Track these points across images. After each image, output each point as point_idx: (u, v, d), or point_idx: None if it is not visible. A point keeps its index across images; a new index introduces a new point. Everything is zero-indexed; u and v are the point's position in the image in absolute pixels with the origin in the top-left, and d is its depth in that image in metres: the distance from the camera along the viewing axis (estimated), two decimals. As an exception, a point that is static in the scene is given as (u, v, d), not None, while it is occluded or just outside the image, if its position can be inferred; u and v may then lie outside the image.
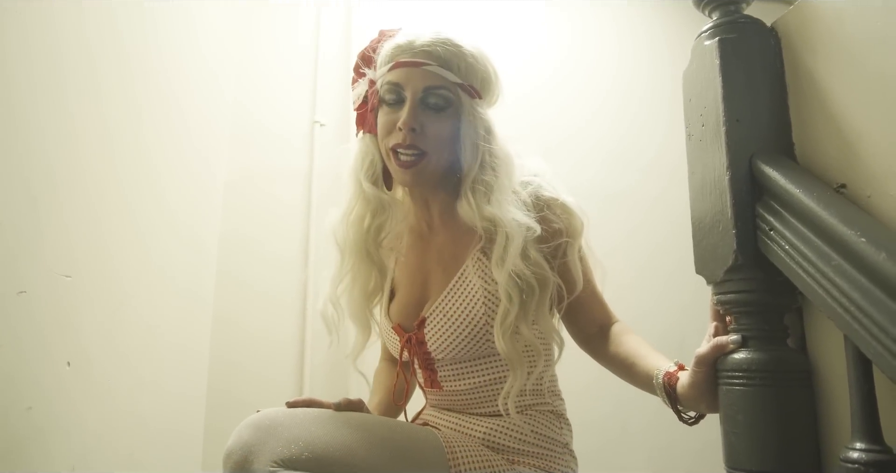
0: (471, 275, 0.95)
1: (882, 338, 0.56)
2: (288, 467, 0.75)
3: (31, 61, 0.87)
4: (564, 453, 0.97)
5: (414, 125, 0.92)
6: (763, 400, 0.71)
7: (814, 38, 0.74)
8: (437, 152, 0.94)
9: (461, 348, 0.94)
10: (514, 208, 0.93)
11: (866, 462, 0.59)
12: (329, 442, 0.78)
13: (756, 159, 0.74)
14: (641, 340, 0.94)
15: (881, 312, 0.56)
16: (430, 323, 0.96)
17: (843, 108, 0.70)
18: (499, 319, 0.90)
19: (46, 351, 0.88)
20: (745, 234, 0.73)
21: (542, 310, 0.92)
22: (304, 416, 0.81)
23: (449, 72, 0.94)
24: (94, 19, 1.04)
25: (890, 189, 0.64)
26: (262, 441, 0.77)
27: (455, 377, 0.97)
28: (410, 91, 0.93)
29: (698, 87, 0.82)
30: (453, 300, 0.95)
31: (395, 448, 0.83)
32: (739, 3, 0.82)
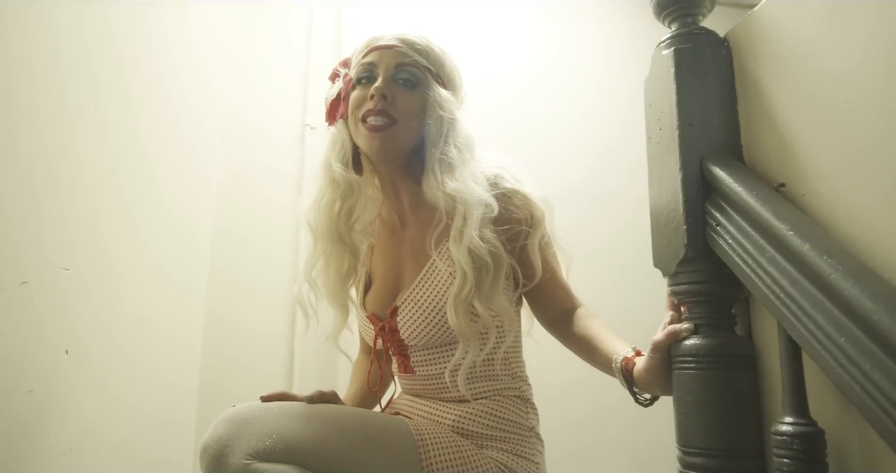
0: (440, 265, 1.00)
1: (807, 323, 0.62)
2: (262, 459, 0.78)
3: (32, 64, 0.92)
4: (531, 436, 1.02)
5: (385, 92, 0.99)
6: (711, 382, 0.77)
7: (759, 48, 0.80)
8: (406, 123, 1.00)
9: (431, 334, 0.99)
10: (475, 185, 0.98)
11: (792, 434, 0.65)
12: (301, 434, 0.82)
13: (706, 161, 0.80)
14: (603, 324, 1.00)
15: (807, 299, 0.62)
16: (401, 312, 1.02)
17: (783, 113, 0.76)
18: (452, 293, 0.94)
19: (46, 339, 0.94)
20: (694, 229, 0.79)
21: (495, 289, 0.96)
22: (278, 410, 0.84)
23: (418, 55, 1.02)
24: (92, 23, 1.09)
25: (820, 188, 0.70)
26: (237, 435, 0.79)
27: (427, 362, 1.03)
28: (383, 67, 1.01)
29: (656, 93, 0.88)
30: (423, 288, 1.00)
31: (367, 438, 0.87)
32: (696, 16, 0.88)
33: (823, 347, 0.59)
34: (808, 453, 0.64)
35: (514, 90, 2.29)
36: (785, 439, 0.65)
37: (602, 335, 0.96)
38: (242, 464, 0.77)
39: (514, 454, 0.97)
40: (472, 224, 0.95)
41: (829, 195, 0.69)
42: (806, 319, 0.62)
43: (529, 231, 1.01)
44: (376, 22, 2.16)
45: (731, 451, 0.74)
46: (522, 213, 1.01)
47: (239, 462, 0.77)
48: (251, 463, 0.77)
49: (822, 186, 0.70)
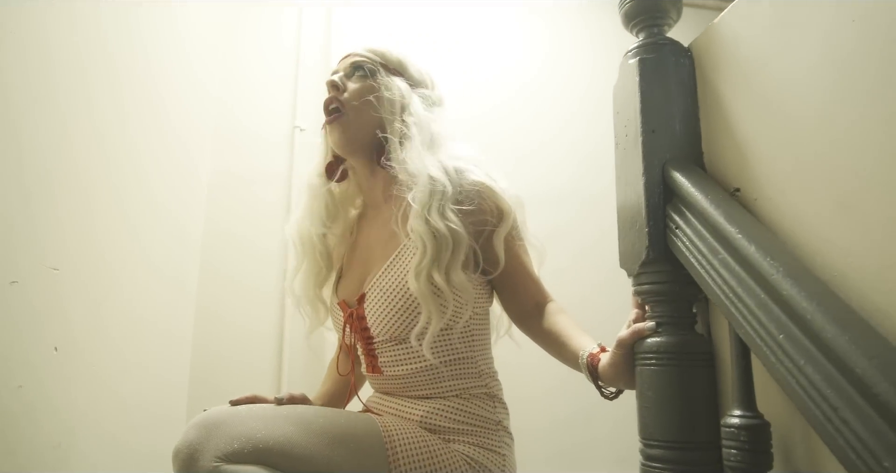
0: (408, 251, 1.03)
1: (752, 321, 0.66)
2: (230, 461, 0.82)
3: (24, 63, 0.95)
4: (498, 430, 1.05)
5: (337, 83, 1.10)
6: (670, 378, 0.80)
7: (718, 58, 0.84)
8: (355, 109, 1.10)
9: (396, 321, 1.02)
10: (431, 166, 1.03)
11: (740, 426, 0.69)
12: (269, 436, 0.85)
13: (668, 166, 0.84)
14: (571, 320, 1.03)
15: (752, 298, 0.66)
16: (368, 297, 1.05)
17: (739, 120, 0.79)
18: (413, 262, 0.99)
19: (36, 336, 0.97)
20: (656, 232, 0.82)
21: (454, 265, 0.99)
22: (246, 413, 0.88)
23: (375, 55, 1.13)
24: (83, 22, 1.12)
25: (770, 193, 0.74)
26: (206, 439, 0.83)
27: (394, 362, 1.06)
28: (342, 68, 1.15)
29: (622, 101, 0.91)
30: (390, 274, 1.04)
31: (334, 437, 0.90)
32: (662, 26, 0.92)
33: (765, 344, 0.63)
34: (754, 444, 0.68)
35: (504, 93, 2.33)
36: (733, 430, 0.69)
37: (570, 332, 0.99)
38: (212, 467, 0.81)
39: (480, 446, 1.01)
40: (427, 201, 1.00)
41: (779, 200, 0.72)
42: (751, 317, 0.66)
43: (496, 223, 1.05)
44: (366, 22, 2.20)
45: (689, 443, 0.78)
46: (487, 204, 1.05)
47: (208, 464, 0.81)
48: (220, 466, 0.81)
49: (773, 191, 0.73)
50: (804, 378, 0.58)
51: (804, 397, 0.57)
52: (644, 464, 0.82)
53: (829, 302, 0.58)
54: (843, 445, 0.53)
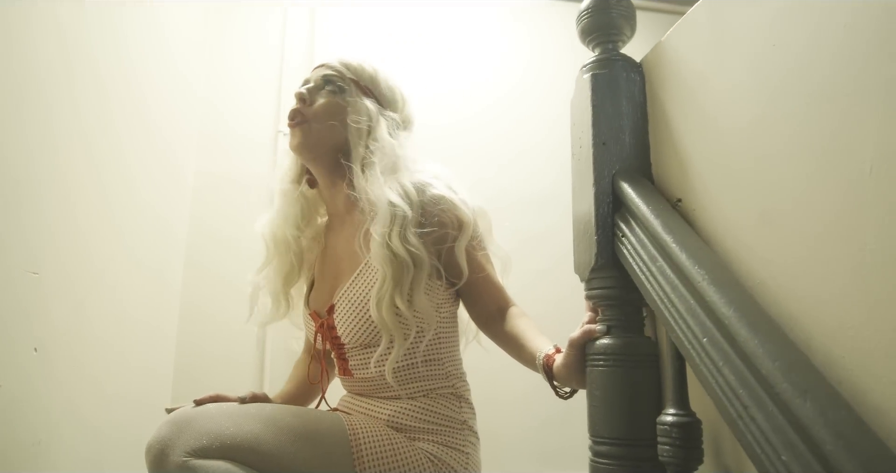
0: (371, 267, 1.08)
1: (681, 325, 0.70)
2: (199, 456, 0.86)
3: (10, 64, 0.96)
4: (463, 429, 1.09)
5: (304, 96, 1.14)
6: (616, 379, 0.85)
7: (664, 75, 0.88)
8: (319, 121, 1.13)
9: (362, 330, 1.07)
10: (391, 192, 1.06)
11: (671, 424, 0.73)
12: (236, 433, 0.89)
13: (617, 177, 0.88)
14: (531, 324, 1.07)
15: (682, 303, 0.70)
16: (338, 308, 1.10)
17: (681, 134, 0.84)
18: (374, 290, 1.02)
19: (16, 337, 1.00)
20: (604, 240, 0.87)
21: (417, 289, 1.04)
22: (216, 411, 0.93)
23: (347, 70, 1.16)
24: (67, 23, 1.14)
25: (706, 204, 0.78)
26: (177, 435, 0.87)
27: (363, 365, 1.10)
28: (313, 80, 1.17)
29: (577, 114, 0.96)
30: (358, 286, 1.08)
31: (300, 434, 0.94)
32: (616, 42, 0.96)
33: (692, 346, 0.67)
34: (685, 440, 0.72)
35: (487, 97, 2.38)
36: (666, 427, 0.73)
37: (529, 334, 1.03)
38: (181, 461, 0.85)
39: (444, 445, 1.05)
40: (386, 226, 1.03)
41: (713, 211, 0.77)
42: (681, 321, 0.70)
43: (456, 235, 1.09)
44: (349, 24, 2.25)
45: (633, 440, 0.82)
46: (448, 217, 1.09)
47: (178, 459, 0.85)
48: (188, 460, 0.85)
49: (708, 202, 0.78)
50: (722, 378, 0.62)
51: (721, 396, 0.62)
52: (593, 460, 0.86)
53: (746, 308, 0.62)
54: (751, 440, 0.57)
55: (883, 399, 0.52)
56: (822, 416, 0.50)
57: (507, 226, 2.30)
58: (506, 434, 2.06)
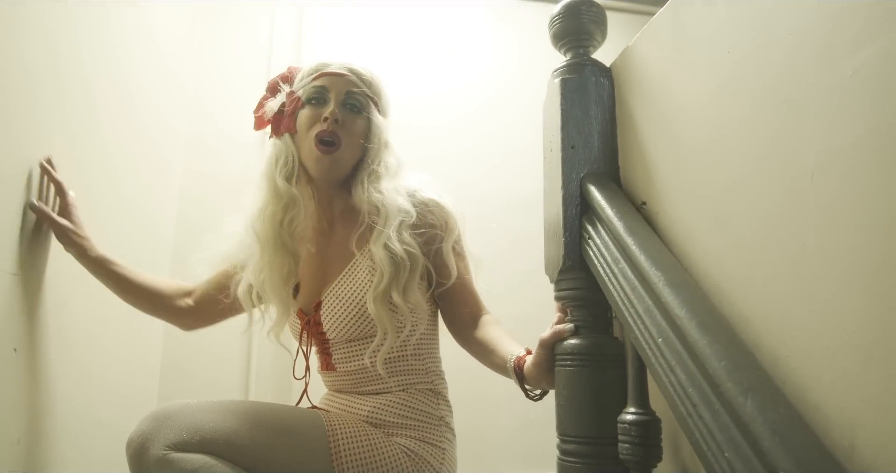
0: (362, 263, 1.11)
1: (640, 325, 0.72)
2: (179, 450, 0.88)
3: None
4: (440, 425, 1.12)
5: (338, 117, 1.11)
6: (583, 378, 0.86)
7: (631, 80, 0.90)
8: (350, 147, 1.13)
9: (350, 325, 1.09)
10: (397, 195, 1.12)
11: (631, 422, 0.74)
12: (216, 427, 0.92)
13: (585, 180, 0.89)
14: (503, 331, 1.10)
15: (641, 304, 0.72)
16: (325, 305, 1.12)
17: (646, 139, 0.85)
18: (373, 285, 1.06)
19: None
20: (571, 241, 0.88)
21: (411, 284, 1.08)
22: (196, 406, 0.95)
23: (363, 85, 1.15)
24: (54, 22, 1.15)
25: (667, 207, 0.80)
26: (157, 429, 0.89)
27: (347, 358, 1.13)
28: (334, 93, 1.14)
29: (548, 117, 0.97)
30: (346, 284, 1.11)
31: (277, 430, 0.97)
32: (587, 47, 0.98)
33: (648, 346, 0.69)
34: (644, 438, 0.74)
35: (475, 101, 2.39)
36: (626, 426, 0.75)
37: (501, 340, 1.05)
38: (161, 455, 0.87)
39: (421, 440, 1.07)
40: (392, 228, 1.08)
41: (673, 214, 0.78)
42: (640, 322, 0.71)
43: (444, 236, 1.14)
44: (337, 24, 2.27)
45: (598, 438, 0.83)
46: (438, 219, 1.14)
47: (158, 452, 0.87)
48: (168, 454, 0.87)
49: (669, 205, 0.79)
50: (674, 378, 0.63)
51: (673, 394, 0.63)
52: (560, 459, 0.87)
53: (698, 309, 0.64)
54: (698, 438, 0.59)
55: (822, 398, 0.54)
56: (761, 414, 0.52)
57: (495, 227, 2.34)
58: (490, 434, 2.08)
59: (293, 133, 1.16)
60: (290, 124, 1.16)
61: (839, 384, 0.53)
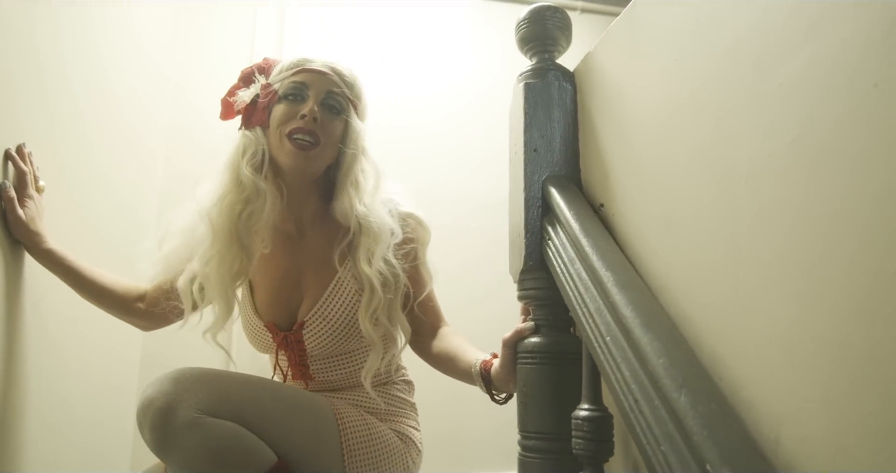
0: (346, 280, 1.11)
1: (591, 324, 0.74)
2: (210, 414, 0.87)
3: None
4: (414, 409, 1.21)
5: (316, 116, 1.07)
6: (542, 376, 0.88)
7: (591, 84, 0.92)
8: (327, 146, 1.09)
9: (338, 344, 1.12)
10: (383, 212, 1.11)
11: (584, 418, 0.77)
12: (242, 397, 0.92)
13: (546, 183, 0.92)
14: (464, 340, 1.12)
15: (592, 303, 0.74)
16: (309, 326, 1.11)
17: (604, 143, 0.88)
18: (363, 307, 1.07)
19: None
20: (532, 242, 0.90)
21: (395, 305, 1.11)
22: (220, 374, 0.95)
23: (345, 86, 1.13)
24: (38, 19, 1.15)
25: (622, 209, 0.82)
26: (186, 391, 0.87)
27: (327, 369, 1.15)
28: (314, 91, 1.10)
29: (513, 121, 0.99)
30: (332, 304, 1.11)
31: (296, 406, 0.99)
32: (552, 52, 1.00)
33: (598, 343, 0.71)
34: (596, 434, 0.76)
35: (459, 101, 2.41)
36: (578, 422, 0.77)
37: (464, 348, 1.08)
38: (193, 417, 0.85)
39: (405, 424, 1.15)
40: (382, 247, 1.08)
41: (628, 216, 0.81)
42: (591, 321, 0.74)
43: (419, 249, 1.16)
44: (318, 23, 2.28)
45: (556, 434, 0.85)
46: (416, 233, 1.16)
47: (189, 414, 0.85)
48: (201, 417, 0.85)
49: (624, 207, 0.82)
50: (620, 374, 0.66)
51: (619, 390, 0.65)
52: (521, 455, 0.90)
53: (643, 309, 0.66)
54: (639, 432, 0.61)
55: (753, 394, 0.56)
56: (693, 409, 0.54)
57: (475, 228, 2.36)
58: (469, 434, 2.10)
59: (265, 127, 1.10)
60: (262, 118, 1.10)
61: (768, 381, 0.55)
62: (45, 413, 1.25)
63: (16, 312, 1.14)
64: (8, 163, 1.10)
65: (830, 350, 0.50)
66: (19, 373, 1.15)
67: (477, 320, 1.58)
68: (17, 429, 1.15)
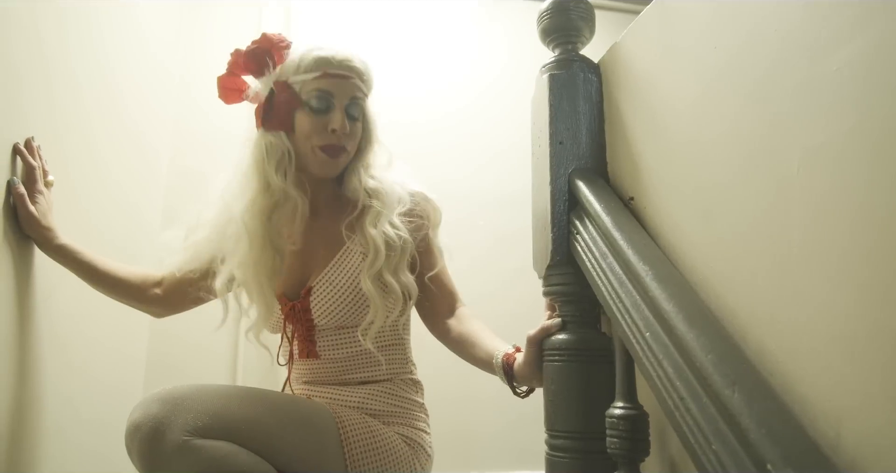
0: (353, 248, 1.11)
1: (627, 319, 0.72)
2: (201, 436, 0.82)
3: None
4: (422, 411, 1.17)
5: (346, 130, 1.09)
6: (570, 373, 0.86)
7: (619, 76, 0.90)
8: (353, 148, 1.14)
9: (344, 312, 1.08)
10: (394, 184, 1.14)
11: (619, 417, 0.75)
12: (235, 413, 0.87)
13: (573, 176, 0.90)
14: (484, 325, 1.10)
15: (628, 298, 0.72)
16: (316, 291, 1.10)
17: (633, 134, 0.86)
18: (367, 264, 1.07)
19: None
20: (559, 237, 0.88)
21: (402, 266, 1.10)
22: (210, 391, 0.90)
23: (364, 85, 1.13)
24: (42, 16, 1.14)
25: (655, 201, 0.80)
26: (173, 413, 0.82)
27: (334, 345, 1.12)
28: (339, 100, 1.09)
29: (537, 113, 0.97)
30: (339, 269, 1.10)
31: (295, 419, 0.95)
32: (575, 43, 0.98)
33: (636, 340, 0.69)
34: (632, 433, 0.74)
35: (465, 98, 2.38)
36: (614, 420, 0.75)
37: (484, 334, 1.06)
38: (182, 441, 0.80)
39: (412, 427, 1.11)
40: (388, 212, 1.10)
41: (661, 209, 0.79)
42: (627, 316, 0.72)
43: (430, 226, 1.16)
44: (324, 20, 2.26)
45: (587, 433, 0.83)
46: (425, 210, 1.17)
47: (178, 438, 0.80)
48: (190, 440, 0.81)
49: (657, 200, 0.80)
50: (662, 371, 0.64)
51: (661, 388, 0.64)
52: (549, 454, 0.87)
53: (685, 303, 0.64)
54: (686, 431, 0.59)
55: (808, 390, 0.54)
56: (748, 406, 0.52)
57: (482, 225, 2.34)
58: (481, 431, 2.08)
59: (289, 132, 1.10)
60: (286, 123, 1.10)
61: (825, 377, 0.53)
62: (52, 413, 1.22)
63: (26, 310, 1.11)
64: (16, 158, 1.08)
65: (893, 343, 0.48)
66: (29, 372, 1.13)
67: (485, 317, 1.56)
68: (26, 429, 1.13)
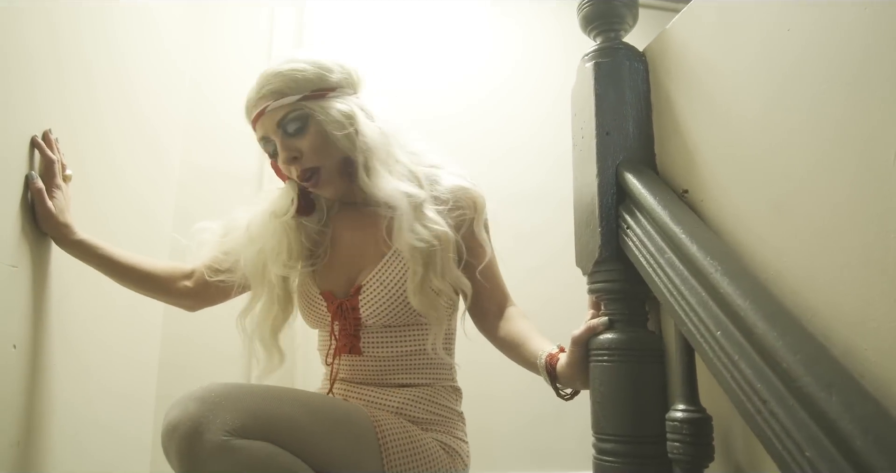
0: (401, 255, 1.06)
1: (693, 318, 0.68)
2: (240, 436, 0.79)
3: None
4: (461, 420, 1.12)
5: (291, 156, 1.04)
6: (621, 374, 0.82)
7: (669, 62, 0.86)
8: (325, 160, 1.05)
9: (394, 312, 1.04)
10: (397, 181, 1.04)
11: (682, 420, 0.71)
12: (274, 413, 0.84)
13: (621, 168, 0.86)
14: (531, 325, 1.06)
15: (693, 296, 0.68)
16: (366, 290, 1.06)
17: (687, 123, 0.82)
18: (409, 279, 1.03)
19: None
20: (608, 232, 0.84)
21: (447, 262, 1.04)
22: (248, 389, 0.87)
23: (285, 97, 1.02)
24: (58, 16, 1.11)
25: (715, 194, 0.76)
26: (211, 412, 0.79)
27: (379, 344, 1.07)
28: (274, 135, 1.05)
29: (579, 103, 0.93)
30: (389, 269, 1.06)
31: (332, 420, 0.91)
32: (619, 31, 0.94)
33: (704, 340, 0.65)
34: (696, 437, 0.70)
35: (477, 94, 2.35)
36: (676, 424, 0.71)
37: (530, 334, 1.02)
38: (221, 440, 0.77)
39: (451, 435, 1.07)
40: (407, 217, 1.02)
41: (722, 201, 0.75)
42: (692, 314, 0.68)
43: (473, 216, 1.11)
44: (337, 18, 2.22)
45: (638, 437, 0.80)
46: (465, 201, 1.10)
47: (217, 438, 0.77)
48: (230, 440, 0.78)
49: (717, 192, 0.76)
50: (738, 373, 0.60)
51: (738, 390, 0.60)
52: (597, 458, 0.84)
53: (762, 300, 0.60)
54: (770, 436, 0.55)
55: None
56: (848, 410, 0.49)
57: (498, 223, 2.30)
58: (498, 431, 2.05)
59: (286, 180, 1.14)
60: (283, 175, 1.13)
61: (928, 378, 0.49)
62: (64, 415, 1.18)
63: (40, 312, 1.07)
64: (34, 152, 1.04)
65: None
66: (40, 374, 1.09)
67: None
68: (39, 435, 1.09)
